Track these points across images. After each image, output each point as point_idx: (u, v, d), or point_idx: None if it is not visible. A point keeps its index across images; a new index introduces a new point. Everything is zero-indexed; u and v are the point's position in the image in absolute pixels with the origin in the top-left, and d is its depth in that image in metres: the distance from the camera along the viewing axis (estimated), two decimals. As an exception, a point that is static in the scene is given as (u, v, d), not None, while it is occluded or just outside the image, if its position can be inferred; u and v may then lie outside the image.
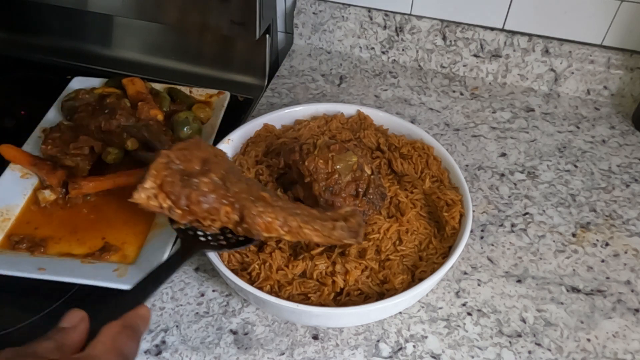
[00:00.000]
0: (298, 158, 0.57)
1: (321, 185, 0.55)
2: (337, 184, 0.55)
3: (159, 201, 0.48)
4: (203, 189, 0.47)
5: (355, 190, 0.56)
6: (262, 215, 0.48)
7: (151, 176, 0.47)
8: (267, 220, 0.48)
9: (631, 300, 0.63)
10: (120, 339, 0.35)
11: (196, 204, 0.47)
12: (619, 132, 0.85)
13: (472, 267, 0.66)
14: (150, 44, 0.99)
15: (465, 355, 0.57)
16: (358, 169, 0.56)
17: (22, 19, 1.02)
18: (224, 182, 0.49)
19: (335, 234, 0.50)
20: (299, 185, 0.58)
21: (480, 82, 0.93)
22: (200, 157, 0.50)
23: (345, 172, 0.56)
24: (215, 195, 0.48)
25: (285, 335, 0.59)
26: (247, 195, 0.49)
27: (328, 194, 0.55)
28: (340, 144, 0.58)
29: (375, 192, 0.57)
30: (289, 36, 1.03)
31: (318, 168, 0.55)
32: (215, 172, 0.49)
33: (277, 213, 0.49)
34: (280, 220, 0.49)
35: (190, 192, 0.47)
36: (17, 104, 0.91)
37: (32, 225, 0.69)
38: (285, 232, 0.49)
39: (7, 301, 0.63)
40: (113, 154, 0.76)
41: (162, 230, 0.67)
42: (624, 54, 0.86)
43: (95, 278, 0.61)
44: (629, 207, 0.73)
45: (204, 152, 0.50)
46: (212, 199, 0.47)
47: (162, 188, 0.47)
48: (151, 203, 0.48)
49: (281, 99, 0.89)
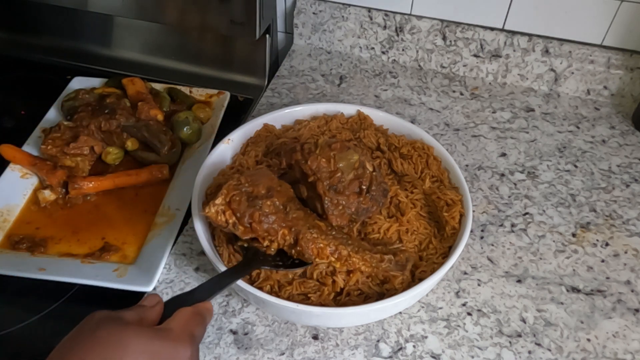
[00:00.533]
0: (300, 157, 0.57)
1: (325, 184, 0.56)
2: (341, 182, 0.56)
3: (226, 217, 0.53)
4: (265, 210, 0.53)
5: (358, 188, 0.57)
6: (316, 241, 0.53)
7: (222, 194, 0.53)
8: (320, 246, 0.53)
9: (631, 300, 0.63)
10: (191, 321, 0.41)
11: (258, 223, 0.52)
12: (619, 132, 0.85)
13: (472, 267, 0.66)
14: (150, 44, 0.99)
15: (465, 355, 0.57)
16: (360, 166, 0.57)
17: (22, 19, 1.02)
18: (285, 208, 0.54)
19: (382, 266, 0.54)
20: (302, 184, 0.58)
21: (480, 82, 0.93)
22: (266, 185, 0.55)
23: (347, 170, 0.56)
24: (275, 217, 0.53)
25: (285, 335, 0.59)
26: (304, 222, 0.54)
27: (332, 192, 0.56)
28: (342, 142, 0.58)
29: (377, 189, 0.58)
30: (289, 36, 1.03)
31: (321, 167, 0.56)
32: (277, 198, 0.54)
33: (330, 241, 0.54)
34: (332, 247, 0.53)
35: (253, 212, 0.52)
36: (17, 104, 0.91)
37: (32, 226, 0.69)
38: (335, 259, 0.54)
39: (7, 301, 0.63)
40: (113, 154, 0.76)
41: (162, 231, 0.67)
42: (624, 54, 0.86)
43: (95, 278, 0.61)
44: (629, 207, 0.73)
45: (270, 181, 0.56)
46: (272, 220, 0.53)
47: (230, 205, 0.53)
48: (219, 218, 0.53)
49: (281, 99, 0.89)
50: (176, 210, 0.69)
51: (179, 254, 0.66)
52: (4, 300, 0.63)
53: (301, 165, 0.57)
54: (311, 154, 0.57)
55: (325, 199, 0.55)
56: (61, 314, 0.62)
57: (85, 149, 0.74)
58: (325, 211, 0.55)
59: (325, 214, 0.56)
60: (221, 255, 0.57)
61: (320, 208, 0.56)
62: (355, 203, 0.56)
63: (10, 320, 0.61)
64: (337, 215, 0.56)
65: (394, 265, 0.54)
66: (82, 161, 0.74)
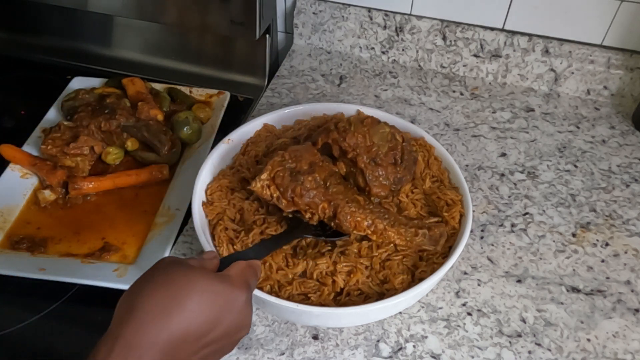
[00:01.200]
0: (338, 136, 0.60)
1: (365, 158, 0.59)
2: (378, 154, 0.60)
3: (271, 191, 0.57)
4: (306, 185, 0.56)
5: (393, 159, 0.60)
6: (354, 214, 0.56)
7: (267, 170, 0.57)
8: (357, 219, 0.56)
9: (631, 300, 0.63)
10: (246, 272, 0.46)
11: (299, 197, 0.56)
12: (619, 132, 0.85)
13: (472, 267, 0.66)
14: (150, 44, 0.99)
15: (465, 355, 0.57)
16: (392, 138, 0.61)
17: (22, 19, 1.02)
18: (325, 183, 0.57)
19: (416, 240, 0.57)
20: (340, 161, 0.61)
21: (480, 82, 0.93)
22: (309, 160, 0.58)
23: (382, 143, 0.60)
24: (315, 192, 0.56)
25: (285, 335, 0.59)
26: (343, 196, 0.57)
27: (372, 165, 0.59)
28: (372, 117, 0.63)
29: (409, 158, 0.61)
30: (289, 36, 1.03)
31: (359, 142, 0.60)
32: (319, 173, 0.57)
33: (367, 215, 0.56)
34: (369, 221, 0.56)
35: (295, 186, 0.56)
36: (17, 104, 0.91)
37: (32, 226, 0.69)
38: (371, 232, 0.57)
39: (7, 301, 0.63)
40: (113, 154, 0.76)
41: (162, 230, 0.67)
42: (624, 54, 0.86)
43: (95, 278, 0.61)
44: (629, 207, 0.73)
45: (313, 157, 0.59)
46: (312, 194, 0.56)
47: (274, 180, 0.57)
48: (264, 192, 0.57)
49: (281, 99, 0.89)
50: (176, 210, 0.69)
51: (179, 254, 0.66)
52: (4, 300, 0.63)
53: (340, 143, 0.60)
54: (347, 131, 0.60)
55: (367, 172, 0.59)
56: (61, 314, 0.62)
57: (85, 149, 0.74)
58: (368, 183, 0.59)
59: (369, 186, 0.59)
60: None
61: (363, 181, 0.60)
62: (393, 173, 0.60)
63: (10, 320, 0.61)
64: (378, 186, 0.59)
65: (427, 240, 0.57)
66: (82, 161, 0.74)
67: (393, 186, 0.60)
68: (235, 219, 0.60)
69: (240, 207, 0.61)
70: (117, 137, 0.76)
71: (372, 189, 0.59)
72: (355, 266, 0.55)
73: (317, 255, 0.56)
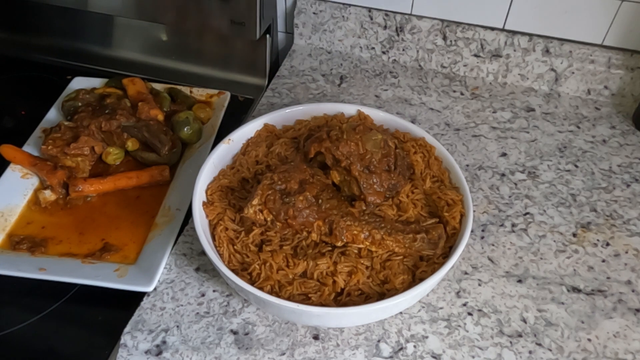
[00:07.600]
0: (330, 145, 0.60)
1: (358, 166, 0.59)
2: (372, 162, 0.59)
3: (264, 215, 0.57)
4: (298, 206, 0.56)
5: (387, 165, 0.60)
6: (349, 228, 0.56)
7: (257, 195, 0.57)
8: (354, 233, 0.56)
9: (632, 300, 0.63)
10: None
11: (293, 218, 0.56)
12: (619, 132, 0.85)
13: (473, 267, 0.66)
14: (150, 44, 0.99)
15: (465, 355, 0.57)
16: (385, 144, 0.60)
17: (22, 19, 1.02)
18: (317, 200, 0.57)
19: (415, 245, 0.56)
20: (333, 170, 0.61)
21: (480, 82, 0.93)
22: (299, 178, 0.58)
23: (376, 150, 0.60)
24: (309, 211, 0.56)
25: (286, 336, 0.58)
26: (337, 211, 0.57)
27: (366, 173, 0.59)
28: (363, 124, 0.62)
29: (402, 164, 0.61)
30: (289, 36, 1.03)
31: (352, 151, 0.59)
32: (310, 191, 0.57)
33: (363, 227, 0.56)
34: (365, 233, 0.56)
35: (288, 208, 0.56)
36: (17, 104, 0.91)
37: (33, 226, 0.69)
38: (369, 244, 0.56)
39: (7, 301, 0.63)
40: (113, 155, 0.76)
41: (162, 231, 0.67)
42: (624, 53, 0.86)
43: (96, 278, 0.61)
44: (629, 207, 0.73)
45: (302, 174, 0.59)
46: (306, 214, 0.56)
47: (266, 205, 0.56)
48: (257, 217, 0.57)
49: (281, 99, 0.89)
50: (176, 211, 0.69)
51: (179, 254, 0.66)
52: (4, 300, 0.63)
53: (333, 152, 0.60)
54: (340, 140, 0.60)
55: (361, 180, 0.58)
56: (61, 314, 0.62)
57: (85, 149, 0.74)
58: (362, 192, 0.58)
59: (363, 194, 0.59)
60: (221, 255, 0.57)
61: (357, 189, 0.59)
62: (387, 180, 0.59)
63: (10, 320, 0.61)
64: (373, 194, 0.59)
65: (426, 244, 0.57)
66: (82, 161, 0.74)
67: (388, 193, 0.60)
68: (236, 219, 0.60)
69: (241, 207, 0.61)
70: (118, 137, 0.76)
71: (366, 197, 0.58)
72: (355, 266, 0.55)
73: (317, 255, 0.56)
